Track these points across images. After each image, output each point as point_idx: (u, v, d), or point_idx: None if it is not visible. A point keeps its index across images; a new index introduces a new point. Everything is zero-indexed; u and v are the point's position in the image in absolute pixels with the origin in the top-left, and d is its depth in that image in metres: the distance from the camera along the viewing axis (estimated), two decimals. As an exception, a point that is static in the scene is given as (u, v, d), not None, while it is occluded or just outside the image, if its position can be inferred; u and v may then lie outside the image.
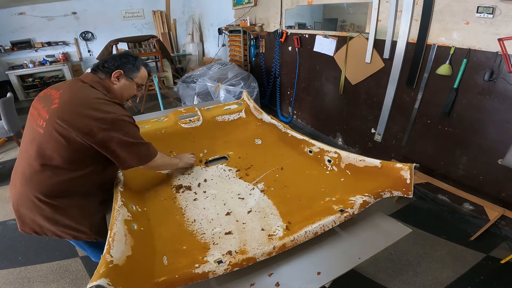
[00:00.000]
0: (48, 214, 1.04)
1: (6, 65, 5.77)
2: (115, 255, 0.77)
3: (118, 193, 1.11)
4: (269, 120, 1.78)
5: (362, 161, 1.21)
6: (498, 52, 1.71)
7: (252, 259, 0.87)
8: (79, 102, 0.99)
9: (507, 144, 1.77)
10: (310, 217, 1.02)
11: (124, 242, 0.84)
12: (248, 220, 1.10)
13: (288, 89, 3.99)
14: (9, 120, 3.04)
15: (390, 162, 1.11)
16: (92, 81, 1.09)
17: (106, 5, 6.26)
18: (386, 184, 1.10)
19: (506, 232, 1.99)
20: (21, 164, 1.06)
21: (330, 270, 0.90)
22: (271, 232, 1.00)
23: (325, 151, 1.39)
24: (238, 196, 1.26)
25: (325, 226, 0.97)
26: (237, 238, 0.99)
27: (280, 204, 1.17)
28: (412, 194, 1.04)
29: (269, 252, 0.90)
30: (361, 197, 1.06)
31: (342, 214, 1.00)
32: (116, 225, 0.89)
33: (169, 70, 6.15)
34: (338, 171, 1.31)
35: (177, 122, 1.76)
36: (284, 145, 1.61)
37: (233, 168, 1.48)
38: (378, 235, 1.02)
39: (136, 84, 1.22)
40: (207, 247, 0.96)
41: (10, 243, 2.11)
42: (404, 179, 1.05)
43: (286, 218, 1.07)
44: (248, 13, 4.30)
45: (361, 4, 2.56)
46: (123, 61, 1.16)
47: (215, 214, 1.15)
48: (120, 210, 0.99)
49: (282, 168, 1.44)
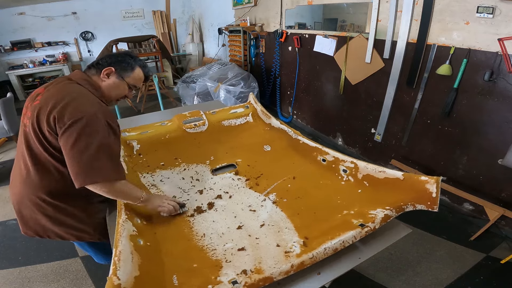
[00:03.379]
0: (50, 213, 1.04)
1: (6, 65, 5.77)
2: (122, 277, 0.71)
3: (122, 205, 1.03)
4: (278, 125, 1.71)
5: (382, 172, 1.13)
6: (498, 52, 1.71)
7: (269, 279, 0.80)
8: (57, 98, 0.93)
9: (507, 144, 1.77)
10: (328, 231, 0.96)
11: (131, 261, 0.79)
12: (261, 234, 1.03)
13: (288, 89, 3.98)
14: (9, 120, 3.05)
15: (414, 175, 1.04)
16: (79, 79, 1.05)
17: (106, 5, 6.26)
18: (409, 197, 1.03)
19: (506, 232, 1.99)
20: (18, 165, 1.06)
21: (330, 270, 0.90)
22: (287, 249, 0.93)
23: (340, 160, 1.31)
24: (249, 208, 1.19)
25: (345, 242, 0.90)
26: (251, 255, 0.92)
27: (294, 217, 1.10)
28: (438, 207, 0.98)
29: (287, 271, 0.83)
30: (382, 211, 0.99)
31: (363, 229, 0.93)
32: (121, 242, 0.83)
33: (169, 70, 6.15)
34: (354, 182, 1.23)
35: (181, 127, 1.70)
36: (295, 152, 1.54)
37: (242, 177, 1.41)
38: (378, 235, 1.02)
39: (128, 85, 1.12)
40: (219, 265, 0.89)
41: (10, 243, 2.11)
42: (430, 193, 0.98)
43: (302, 233, 1.01)
44: (248, 13, 4.30)
45: (361, 4, 2.56)
46: (118, 59, 1.10)
47: (226, 227, 1.08)
48: (124, 225, 0.92)
49: (294, 178, 1.36)
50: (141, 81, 1.18)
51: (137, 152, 1.58)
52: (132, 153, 1.57)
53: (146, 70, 1.19)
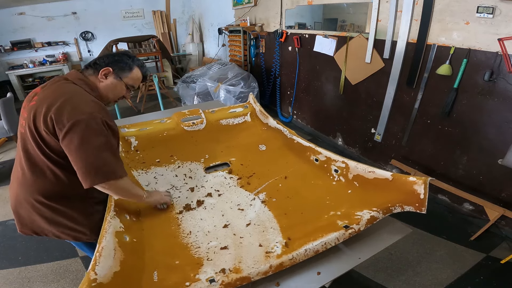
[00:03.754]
0: (47, 215, 1.04)
1: (6, 65, 5.77)
2: (100, 272, 0.72)
3: (112, 201, 1.04)
4: (274, 125, 1.72)
5: (372, 172, 1.13)
6: (498, 52, 1.71)
7: (246, 279, 0.81)
8: (52, 98, 0.93)
9: (507, 144, 1.77)
10: (312, 233, 0.96)
11: (113, 257, 0.79)
12: (246, 234, 1.03)
13: (288, 89, 3.98)
14: (9, 120, 3.06)
15: (403, 175, 1.04)
16: (75, 79, 1.04)
17: (106, 5, 6.26)
18: (397, 199, 1.02)
19: (506, 232, 1.99)
20: (16, 166, 1.06)
21: (330, 270, 0.90)
22: (269, 249, 0.94)
23: (332, 160, 1.30)
24: (237, 206, 1.20)
25: (327, 243, 0.91)
26: (232, 254, 0.93)
27: (281, 217, 1.11)
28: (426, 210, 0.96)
29: (265, 271, 0.84)
30: (369, 212, 0.99)
31: (347, 230, 0.94)
32: (105, 238, 0.84)
33: (169, 70, 6.15)
34: (345, 182, 1.24)
35: (180, 125, 1.71)
36: (289, 152, 1.55)
37: (234, 176, 1.42)
38: (378, 235, 1.02)
39: (126, 85, 1.11)
40: (200, 262, 0.90)
41: (10, 243, 2.11)
42: (418, 194, 0.97)
43: (286, 233, 1.01)
44: (248, 13, 4.30)
45: (361, 4, 2.56)
46: (116, 59, 1.09)
47: (212, 226, 1.09)
48: (111, 221, 0.94)
49: (286, 177, 1.37)
50: (139, 81, 1.17)
51: (134, 149, 1.58)
52: (130, 149, 1.57)
53: (144, 70, 1.17)
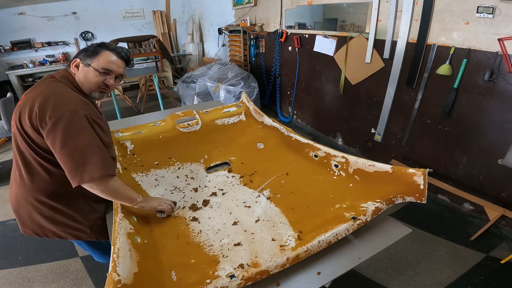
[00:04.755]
0: (47, 213, 1.04)
1: (6, 65, 5.77)
2: (122, 273, 0.72)
3: (118, 203, 1.04)
4: (270, 123, 1.73)
5: (372, 166, 1.17)
6: (498, 52, 1.71)
7: (265, 272, 0.82)
8: (36, 96, 0.94)
9: (507, 144, 1.77)
10: (322, 225, 0.98)
11: (130, 258, 0.79)
12: (256, 230, 1.05)
13: (288, 89, 3.98)
14: (9, 120, 3.05)
15: (402, 167, 1.07)
16: (61, 77, 1.04)
17: (106, 5, 6.25)
18: (398, 190, 1.07)
19: (506, 232, 1.99)
20: (13, 167, 1.08)
21: (330, 270, 0.90)
22: (282, 243, 0.95)
23: (331, 155, 1.34)
24: (244, 204, 1.21)
25: (338, 234, 0.93)
26: (247, 250, 0.94)
27: (288, 212, 1.13)
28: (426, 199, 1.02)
29: (283, 264, 0.85)
30: (373, 204, 1.02)
31: (355, 221, 0.96)
32: (119, 240, 0.84)
33: (169, 70, 6.15)
34: (346, 176, 1.27)
35: (175, 127, 1.71)
36: (287, 149, 1.56)
37: (236, 175, 1.43)
38: (378, 235, 1.02)
39: (97, 70, 1.03)
40: (216, 260, 0.91)
41: (10, 243, 2.11)
42: (418, 185, 1.02)
43: (296, 227, 1.03)
44: (248, 13, 4.30)
45: (361, 4, 2.56)
46: (83, 49, 1.07)
47: (222, 224, 1.10)
48: (121, 223, 0.94)
49: (287, 174, 1.39)
50: (114, 64, 1.06)
51: (131, 152, 1.58)
52: (126, 153, 1.58)
53: (118, 51, 1.08)
